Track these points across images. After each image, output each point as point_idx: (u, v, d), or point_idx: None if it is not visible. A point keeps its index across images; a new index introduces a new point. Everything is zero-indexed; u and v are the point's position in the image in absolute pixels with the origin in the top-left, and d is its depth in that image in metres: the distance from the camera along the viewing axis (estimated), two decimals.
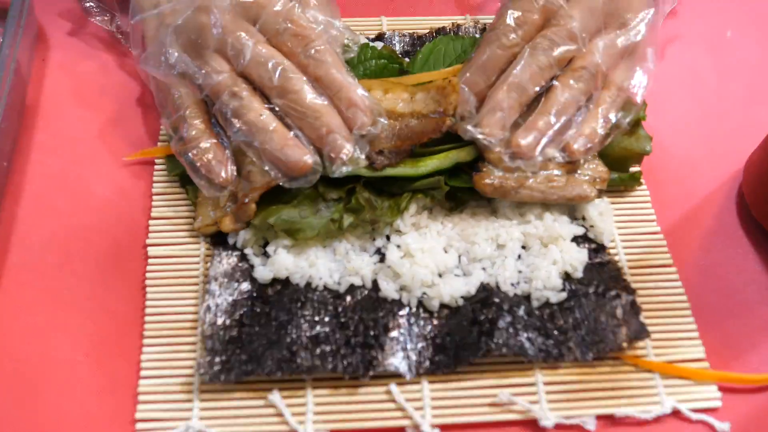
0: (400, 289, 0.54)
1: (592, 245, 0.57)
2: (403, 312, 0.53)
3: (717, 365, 0.52)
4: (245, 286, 0.54)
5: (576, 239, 0.57)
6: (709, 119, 0.65)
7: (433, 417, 0.50)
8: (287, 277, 0.54)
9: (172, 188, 0.59)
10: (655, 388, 0.51)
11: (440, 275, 0.54)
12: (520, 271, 0.55)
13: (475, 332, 0.51)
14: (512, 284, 0.54)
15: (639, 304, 0.53)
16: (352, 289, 0.54)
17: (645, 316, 0.53)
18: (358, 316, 0.52)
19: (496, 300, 0.53)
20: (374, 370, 0.50)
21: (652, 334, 0.53)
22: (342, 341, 0.51)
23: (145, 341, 0.52)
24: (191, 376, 0.51)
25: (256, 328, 0.52)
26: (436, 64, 0.62)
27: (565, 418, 0.50)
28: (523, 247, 0.56)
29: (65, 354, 0.52)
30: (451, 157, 0.56)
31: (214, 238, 0.56)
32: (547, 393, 0.51)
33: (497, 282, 0.54)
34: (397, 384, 0.51)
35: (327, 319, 0.52)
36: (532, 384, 0.51)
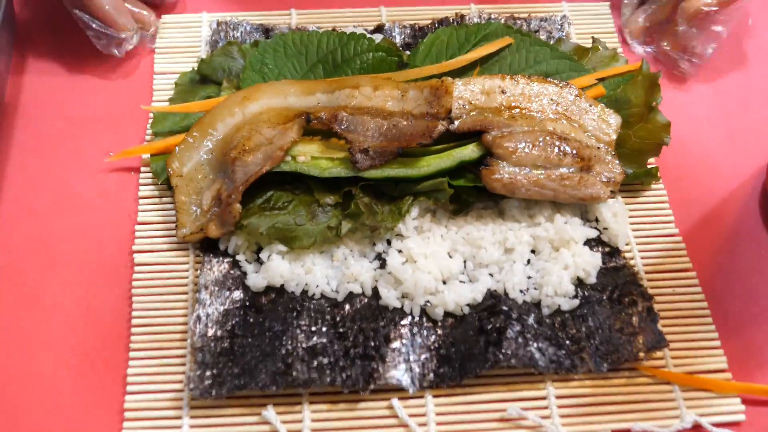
0: (402, 296, 0.52)
1: (606, 249, 0.54)
2: (405, 321, 0.51)
3: (740, 376, 0.50)
4: (237, 294, 0.52)
5: (589, 242, 0.55)
6: (730, 113, 0.63)
7: None
8: (282, 285, 0.52)
9: (159, 192, 0.57)
10: (674, 401, 0.49)
11: (444, 282, 0.52)
12: (529, 277, 0.53)
13: (482, 342, 0.49)
14: (521, 291, 0.52)
15: (656, 311, 0.51)
16: (351, 297, 0.52)
17: (663, 324, 0.51)
18: (357, 325, 0.50)
19: (504, 308, 0.51)
20: (375, 384, 0.48)
21: (671, 343, 0.51)
22: (340, 353, 0.49)
23: (132, 354, 0.50)
24: (180, 391, 0.49)
25: (249, 339, 0.50)
26: (439, 56, 0.60)
27: None
28: (533, 251, 0.54)
29: (47, 368, 0.50)
30: (455, 156, 0.53)
31: (204, 244, 0.54)
32: (560, 407, 0.49)
33: (505, 288, 0.52)
34: (400, 398, 0.49)
35: (324, 329, 0.50)
36: (544, 397, 0.49)
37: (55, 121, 0.61)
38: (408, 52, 0.61)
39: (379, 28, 0.64)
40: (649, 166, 0.58)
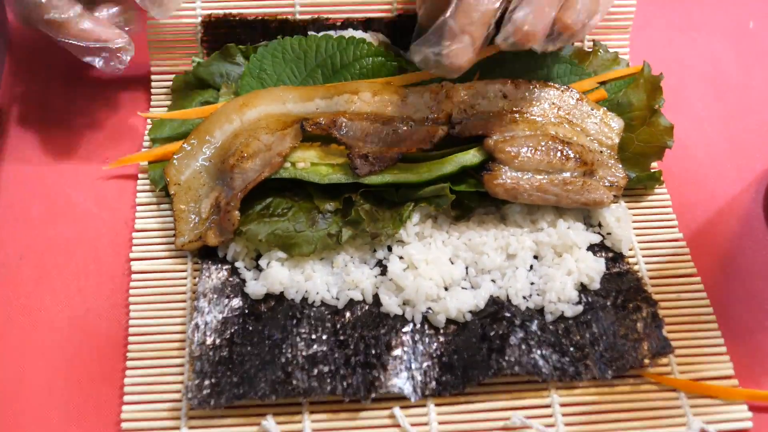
0: (404, 303, 0.52)
1: (610, 254, 0.55)
2: (406, 328, 0.51)
3: (746, 382, 0.50)
4: (236, 302, 0.52)
5: (592, 248, 0.55)
6: (733, 115, 0.63)
7: None
8: (281, 292, 0.52)
9: (157, 199, 0.57)
10: (680, 408, 0.49)
11: (446, 288, 0.52)
12: (532, 283, 0.53)
13: (484, 349, 0.49)
14: (524, 297, 0.52)
15: (661, 317, 0.51)
16: (352, 304, 0.52)
17: (668, 330, 0.51)
18: (358, 333, 0.50)
19: (507, 314, 0.51)
20: (376, 392, 0.48)
21: (676, 349, 0.51)
22: (341, 361, 0.49)
23: (129, 363, 0.50)
24: (179, 400, 0.49)
25: (248, 348, 0.50)
26: None
27: None
28: (536, 256, 0.54)
29: (43, 378, 0.50)
30: (456, 162, 0.54)
31: (203, 252, 0.54)
32: (564, 415, 0.49)
33: (508, 295, 0.52)
34: (401, 407, 0.49)
35: (325, 336, 0.50)
36: (548, 405, 0.49)
37: (51, 128, 0.61)
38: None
39: (367, 25, 0.63)
40: (652, 170, 0.58)
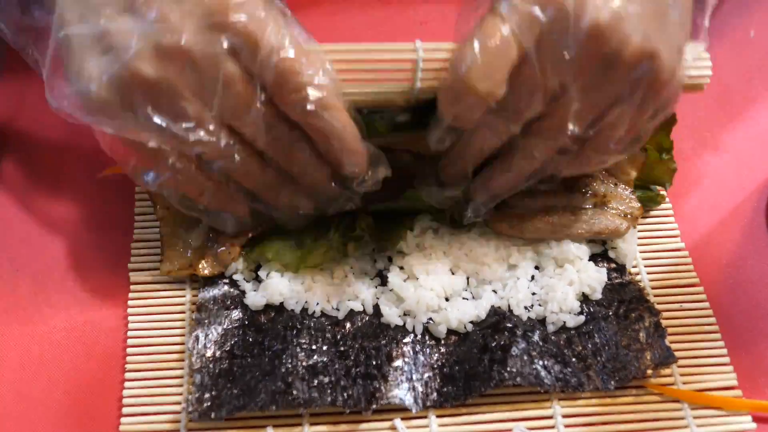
0: (404, 314, 0.52)
1: (612, 264, 0.55)
2: (407, 339, 0.51)
3: (750, 393, 0.51)
4: (236, 313, 0.52)
5: (594, 257, 0.55)
6: (734, 124, 0.64)
7: None
8: (281, 303, 0.52)
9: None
10: (683, 419, 0.49)
11: (447, 299, 0.53)
12: (533, 294, 0.53)
13: (486, 360, 0.50)
14: (526, 307, 0.52)
15: (664, 327, 0.51)
16: (352, 314, 0.52)
17: (671, 341, 0.52)
18: (358, 344, 0.51)
19: (509, 325, 0.51)
20: (377, 403, 0.48)
21: (679, 360, 0.51)
22: (342, 372, 0.49)
23: (128, 375, 0.50)
24: (178, 412, 0.49)
25: (249, 359, 0.50)
26: None
27: None
28: (537, 267, 0.54)
29: (40, 390, 0.50)
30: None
31: None
32: (566, 426, 0.49)
33: (509, 305, 0.52)
34: (402, 418, 0.49)
35: (325, 347, 0.50)
36: (550, 417, 0.49)
37: (47, 136, 0.61)
38: None
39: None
40: (655, 191, 0.59)
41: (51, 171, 0.59)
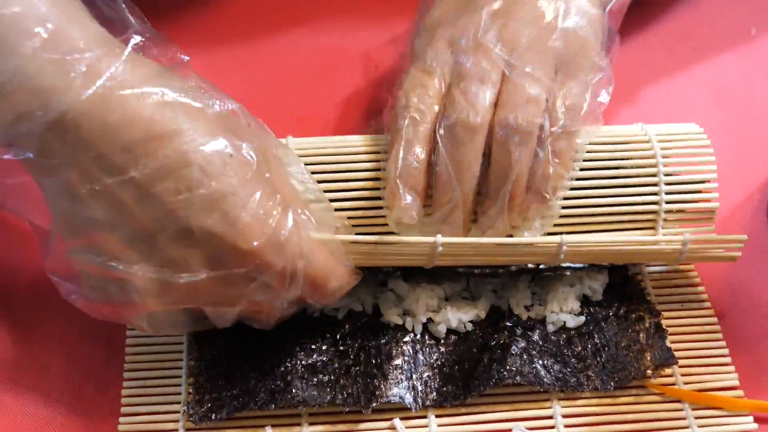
0: (404, 313, 0.52)
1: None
2: (407, 338, 0.52)
3: (752, 393, 0.51)
4: None
5: None
6: (735, 123, 0.64)
7: None
8: None
9: None
10: (685, 419, 0.50)
11: (447, 299, 0.53)
12: (534, 293, 0.53)
13: (485, 359, 0.50)
14: (525, 307, 0.53)
15: (665, 328, 0.52)
16: (351, 315, 0.53)
17: (672, 341, 0.52)
18: (358, 343, 0.51)
19: (508, 324, 0.52)
20: (377, 401, 0.49)
21: (680, 360, 0.52)
22: (341, 370, 0.50)
23: (126, 375, 0.51)
24: (176, 412, 0.50)
25: (248, 360, 0.51)
26: None
27: None
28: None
29: (39, 391, 0.51)
30: None
31: None
32: (567, 426, 0.49)
33: (509, 304, 0.53)
34: (401, 418, 0.49)
35: (324, 347, 0.51)
36: (550, 417, 0.50)
37: None
38: None
39: None
40: None
41: None
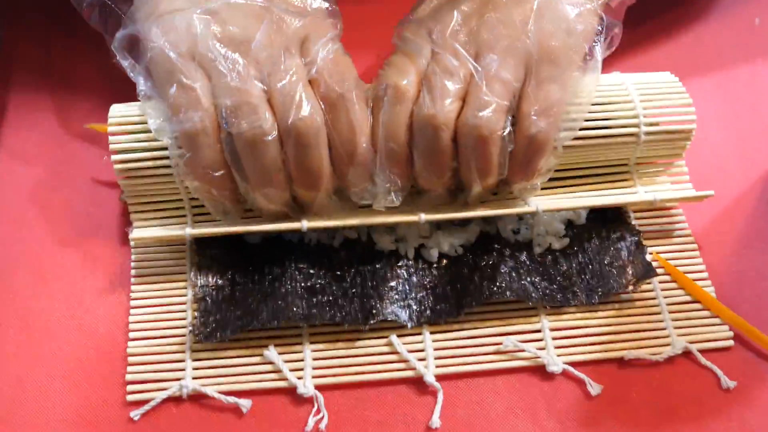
0: (396, 241, 0.55)
1: None
2: (401, 263, 0.55)
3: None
4: (236, 244, 0.55)
5: None
6: (738, 113, 0.65)
7: (437, 367, 0.52)
8: (278, 234, 0.55)
9: None
10: (665, 329, 0.53)
11: (438, 226, 0.56)
12: (520, 218, 0.56)
13: (476, 278, 0.53)
14: (513, 231, 0.56)
15: (644, 245, 0.55)
16: (347, 243, 0.56)
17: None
18: (354, 268, 0.54)
19: (497, 246, 0.55)
20: (374, 319, 0.52)
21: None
22: (339, 292, 0.53)
23: (133, 303, 0.54)
24: (183, 336, 0.52)
25: (250, 285, 0.53)
26: None
27: (573, 364, 0.52)
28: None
29: (48, 320, 0.53)
30: None
31: None
32: (554, 338, 0.53)
33: (498, 229, 0.56)
34: (398, 335, 0.52)
35: (322, 272, 0.54)
36: (538, 330, 0.53)
37: (43, 130, 0.62)
38: None
39: None
40: None
41: (50, 162, 0.60)
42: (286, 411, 0.50)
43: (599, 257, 0.55)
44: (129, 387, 0.50)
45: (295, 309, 0.51)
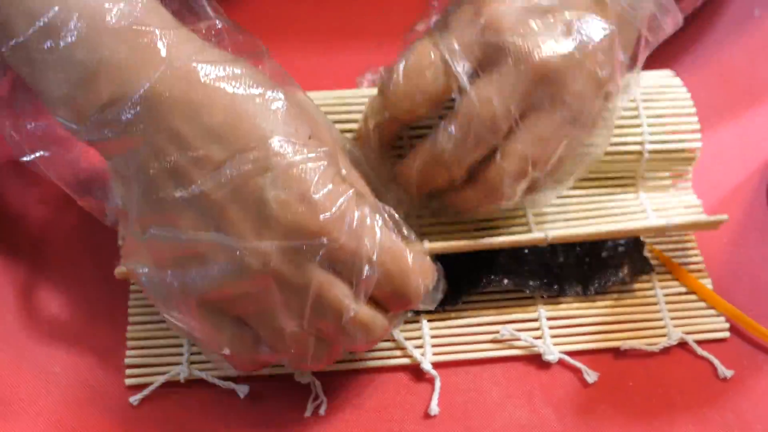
0: None
1: None
2: None
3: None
4: None
5: None
6: (736, 104, 0.66)
7: (434, 355, 0.52)
8: None
9: None
10: (661, 320, 0.54)
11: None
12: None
13: (474, 267, 0.54)
14: None
15: (642, 241, 0.56)
16: None
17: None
18: None
19: None
20: None
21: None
22: None
23: (133, 287, 0.55)
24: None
25: None
26: None
27: (569, 354, 0.52)
28: None
29: (49, 306, 0.54)
30: None
31: None
32: (551, 328, 0.54)
33: None
34: None
35: None
36: (535, 319, 0.54)
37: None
38: None
39: None
40: None
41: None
42: (284, 396, 0.51)
43: (597, 250, 0.56)
44: (128, 371, 0.51)
45: None
